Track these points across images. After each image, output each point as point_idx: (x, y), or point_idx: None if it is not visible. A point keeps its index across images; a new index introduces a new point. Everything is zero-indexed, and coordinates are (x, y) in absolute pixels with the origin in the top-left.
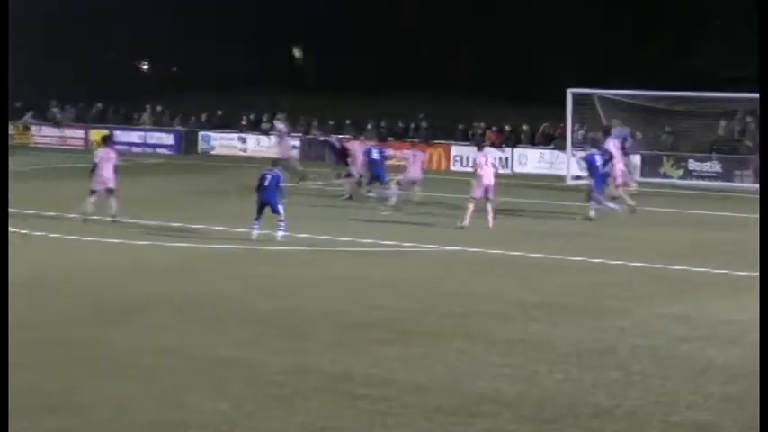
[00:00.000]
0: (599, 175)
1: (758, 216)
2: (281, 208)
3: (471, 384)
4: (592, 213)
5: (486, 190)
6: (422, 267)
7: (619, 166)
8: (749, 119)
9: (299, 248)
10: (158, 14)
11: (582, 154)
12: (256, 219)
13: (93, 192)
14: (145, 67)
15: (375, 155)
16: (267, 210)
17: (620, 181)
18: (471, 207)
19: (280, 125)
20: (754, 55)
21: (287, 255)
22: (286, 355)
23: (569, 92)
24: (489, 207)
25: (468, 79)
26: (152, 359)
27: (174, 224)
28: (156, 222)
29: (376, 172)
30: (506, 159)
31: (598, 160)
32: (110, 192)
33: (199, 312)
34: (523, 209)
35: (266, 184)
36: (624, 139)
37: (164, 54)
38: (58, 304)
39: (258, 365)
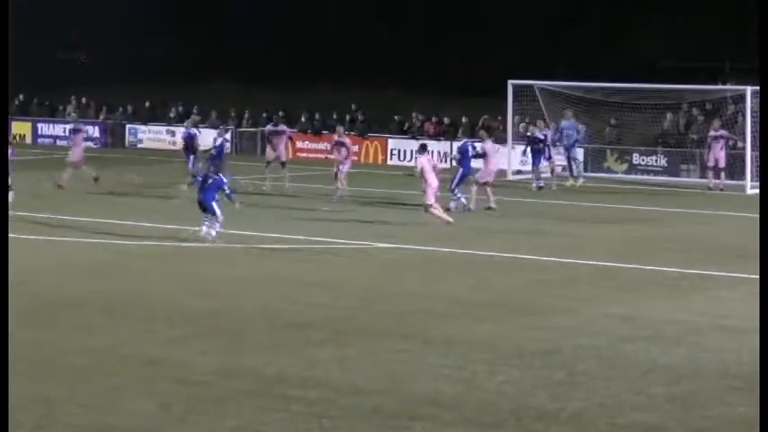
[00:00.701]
0: (466, 166)
1: (710, 212)
2: (215, 206)
3: (410, 386)
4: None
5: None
6: (359, 266)
7: (490, 166)
8: (695, 111)
9: (231, 246)
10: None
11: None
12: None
13: None
14: (83, 59)
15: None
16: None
17: (486, 179)
18: (436, 212)
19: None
20: (701, 44)
21: (218, 252)
22: (218, 356)
23: (510, 83)
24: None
25: (403, 69)
26: (79, 360)
27: (99, 220)
28: (81, 218)
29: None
30: (445, 153)
31: (470, 151)
32: None
33: (127, 312)
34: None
35: (206, 185)
36: (571, 132)
37: (89, 43)
38: None
39: (188, 366)
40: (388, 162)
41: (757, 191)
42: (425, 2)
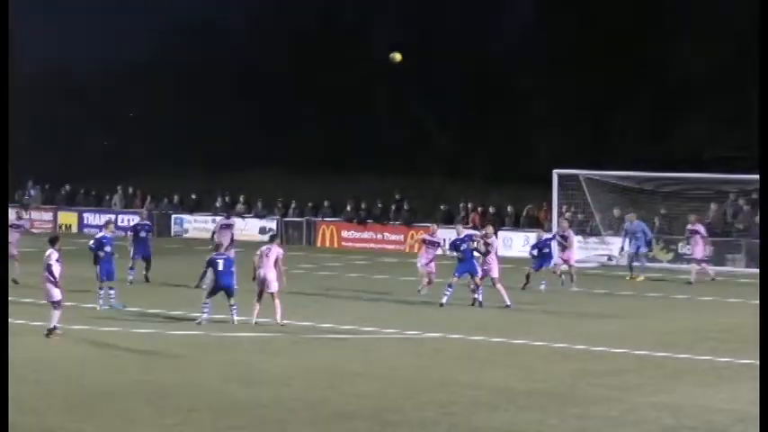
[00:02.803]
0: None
1: (758, 301)
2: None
3: None
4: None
5: (264, 282)
6: (406, 355)
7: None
8: (741, 201)
9: (276, 335)
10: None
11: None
12: (206, 303)
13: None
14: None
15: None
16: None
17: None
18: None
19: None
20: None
21: (264, 342)
22: None
23: (555, 172)
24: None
25: (448, 156)
26: None
27: (147, 310)
28: (130, 309)
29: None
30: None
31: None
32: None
33: (170, 402)
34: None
35: (221, 268)
36: (639, 234)
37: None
38: (28, 395)
39: None
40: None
41: None
42: (470, 88)
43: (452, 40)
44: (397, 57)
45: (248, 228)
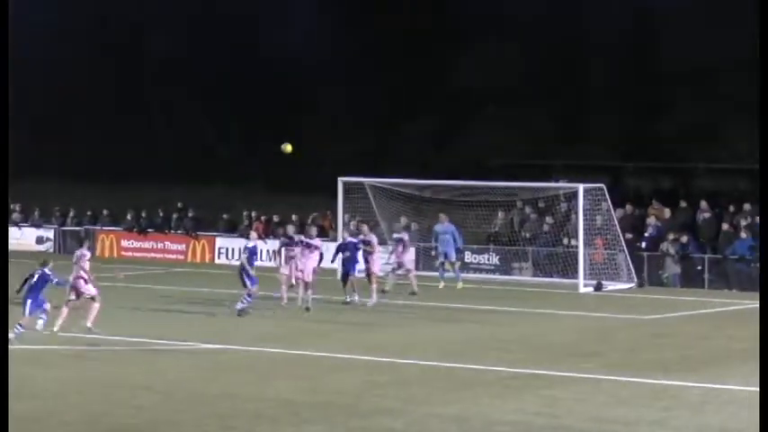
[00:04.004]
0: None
1: (544, 310)
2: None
3: None
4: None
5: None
6: (183, 366)
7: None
8: (528, 209)
9: (50, 347)
10: None
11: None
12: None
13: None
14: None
15: None
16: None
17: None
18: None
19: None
20: (533, 141)
21: (39, 354)
22: None
23: (340, 180)
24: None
25: (229, 166)
26: None
27: None
28: None
29: None
30: (274, 252)
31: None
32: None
33: None
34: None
35: (34, 281)
36: (447, 236)
37: None
38: None
39: None
40: (216, 261)
41: (589, 289)
42: (253, 98)
43: (228, 47)
44: (288, 148)
45: (24, 237)
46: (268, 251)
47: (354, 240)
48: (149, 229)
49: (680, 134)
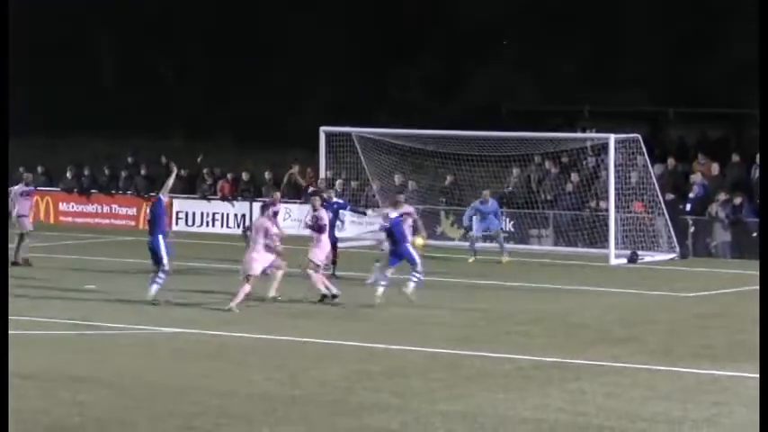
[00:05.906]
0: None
1: (571, 287)
2: None
3: None
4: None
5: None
6: (136, 355)
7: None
8: (548, 165)
9: None
10: None
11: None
12: None
13: None
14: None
15: None
16: None
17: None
18: None
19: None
20: (549, 84)
21: None
22: None
23: (322, 130)
24: None
25: (190, 115)
26: None
27: None
28: None
29: None
30: (243, 216)
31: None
32: None
33: None
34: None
35: None
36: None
37: None
38: None
39: None
40: (174, 227)
41: (623, 261)
42: (215, 37)
43: None
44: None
45: None
46: (236, 215)
47: (341, 201)
48: (93, 190)
49: (732, 75)
